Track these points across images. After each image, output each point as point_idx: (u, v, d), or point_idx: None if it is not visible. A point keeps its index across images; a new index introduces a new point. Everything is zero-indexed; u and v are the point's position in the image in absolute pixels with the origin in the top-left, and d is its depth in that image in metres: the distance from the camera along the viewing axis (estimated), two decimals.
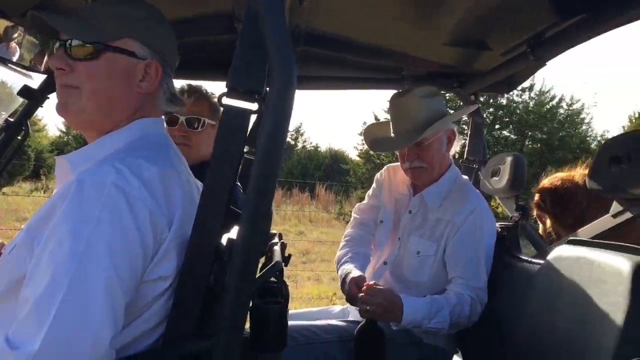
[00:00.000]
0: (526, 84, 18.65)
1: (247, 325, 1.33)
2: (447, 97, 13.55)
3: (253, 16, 1.04)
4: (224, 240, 1.15)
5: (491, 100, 18.38)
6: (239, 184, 2.31)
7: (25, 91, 2.24)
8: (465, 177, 2.57)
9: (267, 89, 1.02)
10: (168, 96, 1.36)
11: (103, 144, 1.26)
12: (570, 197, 2.47)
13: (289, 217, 14.19)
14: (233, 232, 1.15)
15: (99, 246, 1.01)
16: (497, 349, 2.07)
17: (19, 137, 2.32)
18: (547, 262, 1.90)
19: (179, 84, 2.49)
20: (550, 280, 1.83)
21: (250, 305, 1.19)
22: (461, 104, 2.95)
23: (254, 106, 1.10)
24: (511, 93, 18.54)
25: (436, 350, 2.30)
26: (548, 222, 2.78)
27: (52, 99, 2.28)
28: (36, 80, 2.28)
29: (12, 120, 2.28)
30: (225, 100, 1.10)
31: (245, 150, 2.43)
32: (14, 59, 2.08)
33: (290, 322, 1.55)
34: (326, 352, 2.19)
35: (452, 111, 2.55)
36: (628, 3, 1.57)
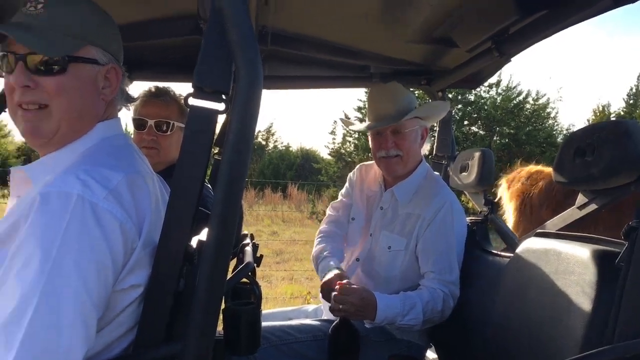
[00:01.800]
0: (493, 80, 18.95)
1: (221, 327, 1.32)
2: (417, 94, 13.67)
3: (218, 16, 1.04)
4: (193, 242, 1.14)
5: (459, 97, 18.58)
6: (209, 185, 2.29)
7: None
8: (436, 173, 2.59)
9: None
10: (125, 96, 1.35)
11: (64, 153, 1.21)
12: None
13: (261, 218, 14.14)
14: (203, 234, 1.13)
15: (67, 263, 0.98)
16: (469, 341, 2.10)
17: None
18: (516, 254, 1.93)
19: (146, 86, 2.45)
20: (520, 272, 1.86)
21: (223, 307, 1.18)
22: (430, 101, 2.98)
23: (220, 106, 1.09)
24: (479, 89, 18.80)
25: (410, 346, 2.31)
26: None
27: None
28: None
29: None
30: (192, 101, 1.08)
31: (215, 151, 2.43)
32: None
33: (263, 323, 1.54)
34: (300, 351, 2.19)
35: None
36: None
